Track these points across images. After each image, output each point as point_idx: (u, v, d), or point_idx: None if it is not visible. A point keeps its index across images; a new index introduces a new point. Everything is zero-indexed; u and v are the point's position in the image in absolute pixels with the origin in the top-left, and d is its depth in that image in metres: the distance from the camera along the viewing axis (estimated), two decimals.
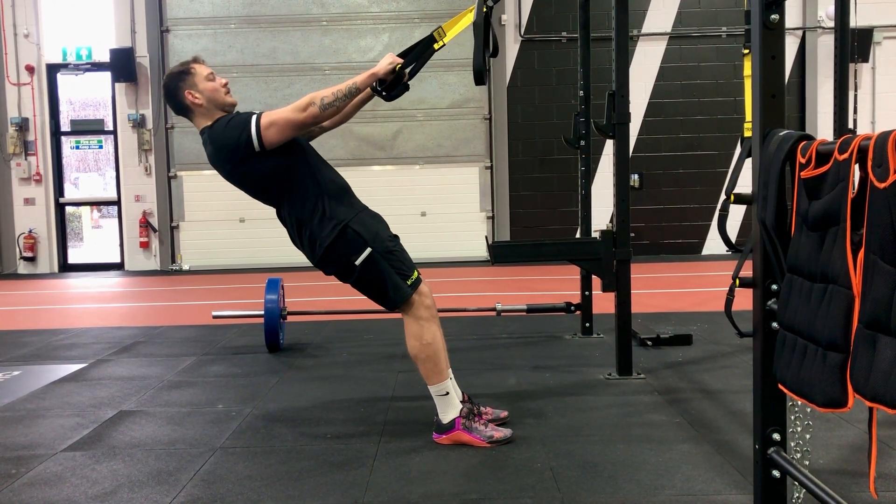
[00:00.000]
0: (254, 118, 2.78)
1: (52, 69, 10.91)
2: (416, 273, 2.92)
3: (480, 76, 2.88)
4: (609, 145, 4.63)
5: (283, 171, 2.86)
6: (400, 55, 2.92)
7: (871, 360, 1.50)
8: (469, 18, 2.98)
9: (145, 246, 10.87)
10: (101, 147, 11.22)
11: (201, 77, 2.91)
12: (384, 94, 2.92)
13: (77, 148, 11.22)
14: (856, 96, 9.82)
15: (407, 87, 2.97)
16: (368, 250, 2.84)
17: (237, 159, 2.83)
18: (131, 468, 2.78)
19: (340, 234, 2.84)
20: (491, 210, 10.89)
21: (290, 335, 5.23)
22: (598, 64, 5.31)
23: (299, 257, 3.04)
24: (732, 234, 2.63)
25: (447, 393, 2.93)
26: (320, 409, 3.50)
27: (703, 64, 10.65)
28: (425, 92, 10.59)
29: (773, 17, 1.98)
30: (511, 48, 10.66)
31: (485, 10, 2.91)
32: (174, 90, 2.91)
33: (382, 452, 2.88)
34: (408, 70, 2.91)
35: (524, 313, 5.09)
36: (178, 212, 10.91)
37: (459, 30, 3.02)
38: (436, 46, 2.97)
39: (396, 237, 2.98)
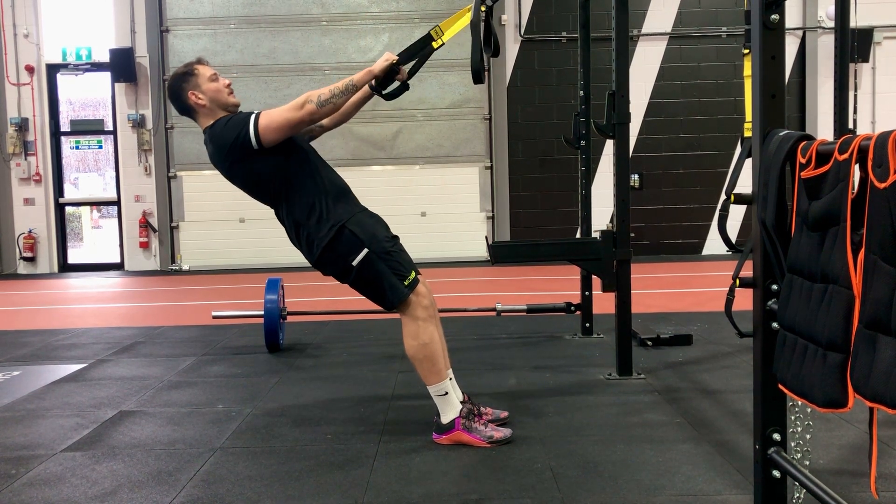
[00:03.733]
0: (252, 117, 2.80)
1: (52, 69, 10.91)
2: (413, 273, 2.92)
3: (478, 75, 2.88)
4: (609, 145, 4.63)
5: (282, 170, 2.87)
6: (399, 54, 2.94)
7: (871, 360, 1.50)
8: (467, 18, 2.98)
9: (145, 246, 10.87)
10: (100, 147, 11.22)
11: (204, 78, 2.93)
12: (382, 92, 2.94)
13: (77, 148, 11.22)
14: (856, 96, 9.81)
15: (407, 87, 3.00)
16: (365, 251, 2.85)
17: (236, 157, 2.84)
18: (131, 468, 2.78)
19: (337, 235, 2.85)
20: (491, 210, 10.89)
21: (290, 335, 5.23)
22: (598, 64, 5.31)
23: (299, 257, 3.05)
24: (732, 234, 2.63)
25: (446, 393, 2.93)
26: (320, 409, 3.50)
27: (703, 64, 10.65)
28: (425, 92, 10.59)
29: (773, 17, 1.98)
30: (511, 48, 10.66)
31: (483, 9, 2.91)
32: (178, 91, 2.94)
33: (382, 452, 2.87)
34: (406, 69, 2.93)
35: (524, 313, 5.09)
36: (178, 212, 10.91)
37: (458, 29, 3.03)
38: (434, 45, 2.98)
39: (395, 238, 2.98)
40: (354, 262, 2.85)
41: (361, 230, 2.87)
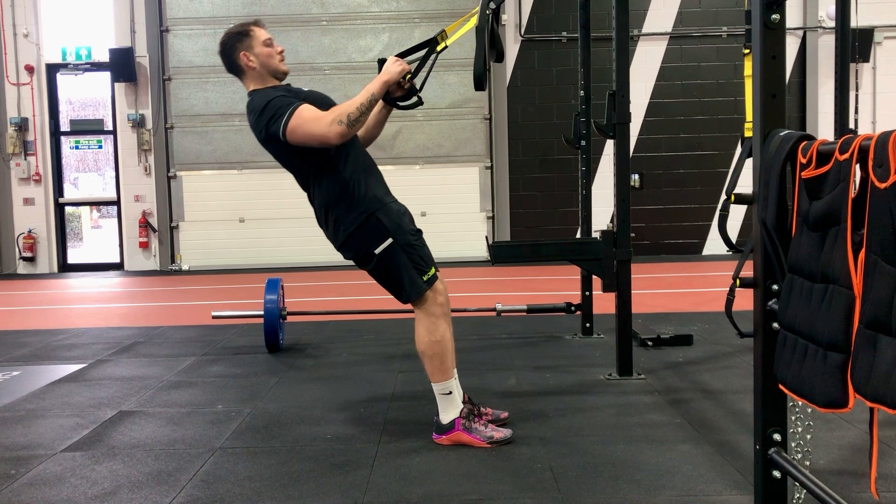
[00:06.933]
0: (285, 116, 2.74)
1: (52, 69, 10.90)
2: (433, 269, 2.92)
3: (480, 82, 2.87)
4: (609, 145, 4.63)
5: (316, 155, 2.85)
6: (400, 55, 2.93)
7: (871, 361, 1.50)
8: (472, 22, 2.98)
9: (145, 246, 10.86)
10: (100, 147, 11.22)
11: (259, 41, 2.92)
12: (397, 103, 2.95)
13: (76, 148, 11.21)
14: (856, 96, 9.81)
15: (421, 102, 2.99)
16: (389, 241, 2.84)
17: (268, 139, 2.83)
18: (131, 468, 2.78)
19: (364, 223, 2.84)
20: (491, 210, 10.89)
21: (290, 335, 5.22)
22: (598, 64, 5.30)
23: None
24: (733, 234, 2.64)
25: (450, 392, 2.93)
26: (320, 409, 3.50)
27: (704, 64, 10.65)
28: (425, 92, 10.44)
29: (773, 17, 1.98)
30: (511, 48, 10.65)
31: (488, 12, 2.90)
32: (230, 49, 2.92)
33: (382, 452, 2.87)
34: (416, 82, 2.93)
35: (524, 313, 5.09)
36: (178, 212, 10.91)
37: (462, 33, 3.03)
38: (438, 49, 2.99)
39: (419, 231, 2.97)
40: (377, 251, 2.84)
41: (389, 220, 2.86)
